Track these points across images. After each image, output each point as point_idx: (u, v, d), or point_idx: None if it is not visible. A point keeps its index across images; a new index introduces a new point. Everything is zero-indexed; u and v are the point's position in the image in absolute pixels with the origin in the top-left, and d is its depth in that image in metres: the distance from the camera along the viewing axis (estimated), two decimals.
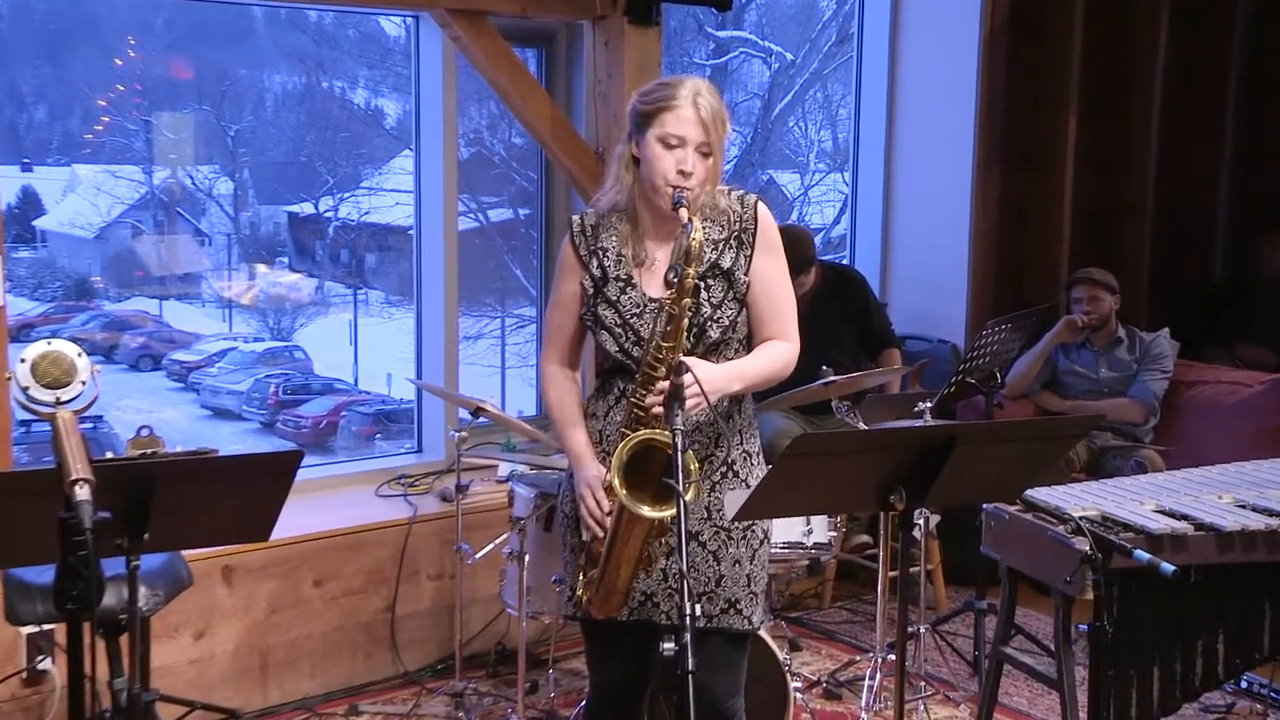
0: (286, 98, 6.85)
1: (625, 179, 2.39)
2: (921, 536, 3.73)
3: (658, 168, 2.32)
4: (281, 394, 6.72)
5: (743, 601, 2.45)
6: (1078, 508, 2.75)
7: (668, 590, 2.43)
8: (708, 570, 2.43)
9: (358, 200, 6.89)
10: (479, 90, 5.60)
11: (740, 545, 2.46)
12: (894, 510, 2.30)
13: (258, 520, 2.23)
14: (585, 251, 2.43)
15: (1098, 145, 5.26)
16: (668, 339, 2.29)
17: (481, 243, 6.51)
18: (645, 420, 2.31)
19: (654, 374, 2.30)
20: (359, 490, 4.22)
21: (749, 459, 2.50)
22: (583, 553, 2.46)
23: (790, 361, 2.47)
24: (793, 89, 8.17)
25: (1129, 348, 4.73)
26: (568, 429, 2.47)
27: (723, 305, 2.39)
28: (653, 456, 2.27)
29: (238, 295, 6.95)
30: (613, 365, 2.43)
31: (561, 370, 2.52)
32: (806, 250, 4.43)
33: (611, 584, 2.39)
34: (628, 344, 2.38)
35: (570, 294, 2.46)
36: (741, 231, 2.42)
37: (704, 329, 2.37)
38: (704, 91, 2.34)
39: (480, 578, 3.99)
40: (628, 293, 2.40)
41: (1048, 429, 2.50)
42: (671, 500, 2.20)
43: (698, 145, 2.32)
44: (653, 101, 2.34)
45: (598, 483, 2.38)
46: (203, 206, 6.62)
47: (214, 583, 3.60)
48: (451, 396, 4.11)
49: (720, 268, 2.39)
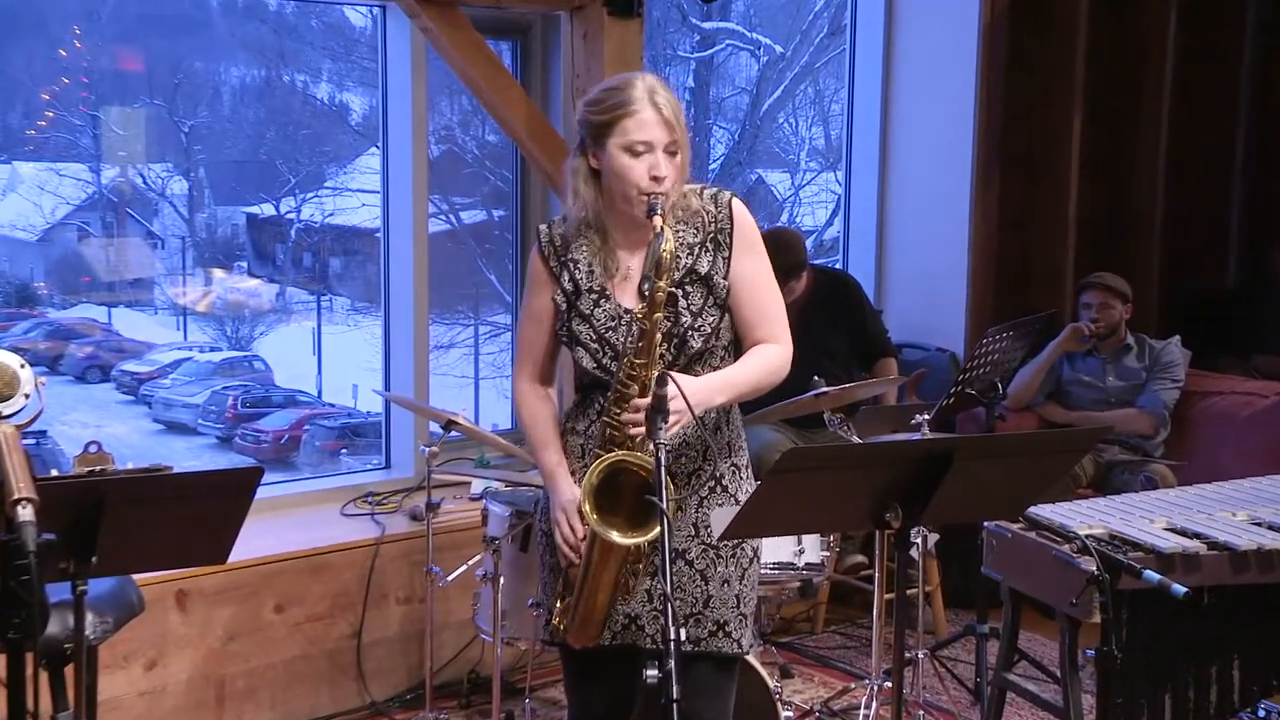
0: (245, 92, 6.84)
1: (586, 193, 2.40)
2: (919, 556, 3.74)
3: (628, 178, 2.33)
4: (240, 407, 6.69)
5: (732, 624, 2.46)
6: (1084, 526, 2.77)
7: (652, 612, 2.43)
8: (695, 590, 2.44)
9: (321, 201, 6.88)
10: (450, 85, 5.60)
11: (729, 564, 2.46)
12: (890, 528, 2.31)
13: (215, 542, 2.22)
14: (555, 264, 2.44)
15: (1103, 147, 5.30)
16: (640, 355, 2.30)
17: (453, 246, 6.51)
18: (620, 440, 2.32)
19: (627, 391, 2.31)
20: (323, 509, 4.20)
21: (738, 473, 2.51)
22: (560, 577, 2.46)
23: (783, 364, 2.47)
24: (782, 83, 8.20)
25: (1138, 355, 4.75)
26: (541, 450, 2.48)
27: (703, 313, 2.40)
28: (626, 479, 2.27)
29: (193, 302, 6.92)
30: (591, 380, 2.44)
31: (535, 387, 2.53)
32: (797, 254, 4.44)
33: (588, 611, 2.39)
34: (605, 359, 2.40)
35: (542, 307, 2.47)
36: (717, 233, 2.42)
37: (685, 339, 2.38)
38: (658, 88, 2.36)
39: (452, 601, 3.98)
40: (602, 305, 2.41)
41: (1052, 442, 2.51)
42: (646, 526, 2.21)
43: (665, 146, 2.34)
44: (608, 110, 2.34)
45: (573, 507, 2.39)
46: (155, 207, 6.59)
47: (167, 609, 3.57)
48: (421, 409, 4.09)
49: (697, 273, 2.40)
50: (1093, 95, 5.22)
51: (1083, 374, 4.79)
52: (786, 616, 4.60)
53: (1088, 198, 5.29)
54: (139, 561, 2.32)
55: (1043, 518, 2.82)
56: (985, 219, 5.19)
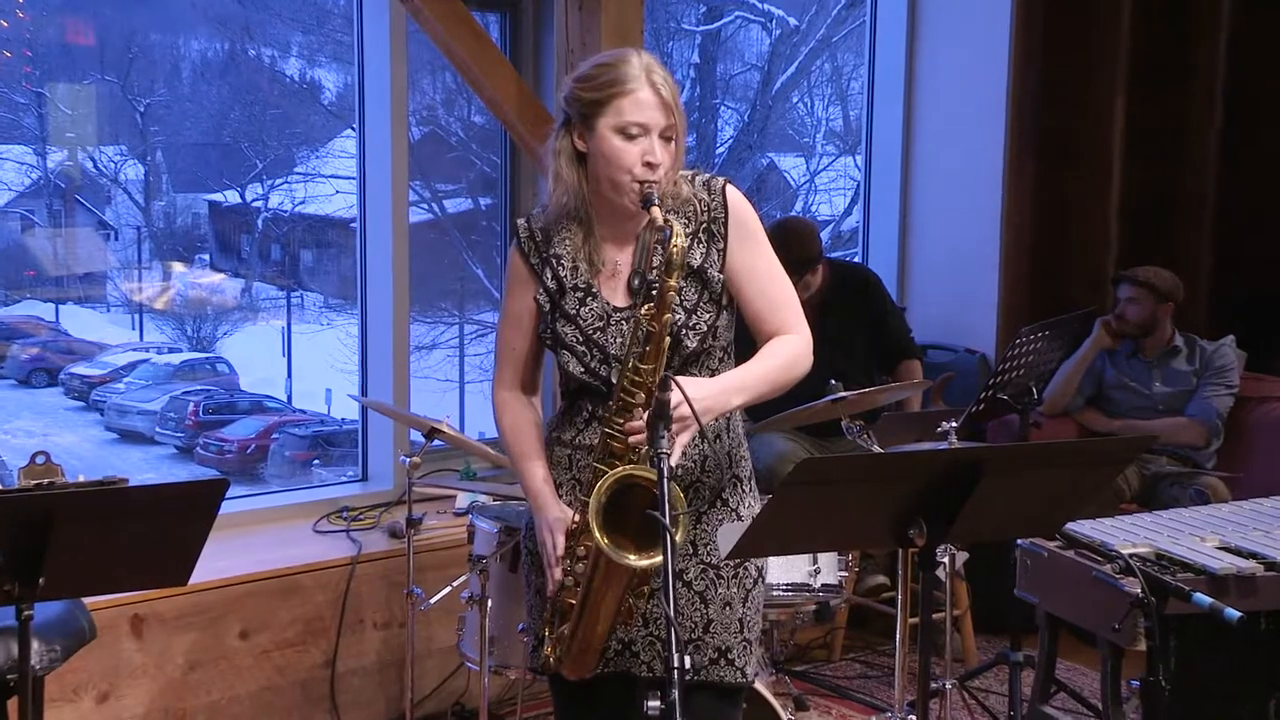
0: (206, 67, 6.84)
1: (571, 178, 2.40)
2: (946, 577, 3.74)
3: (620, 162, 2.33)
4: (202, 414, 6.70)
5: (735, 650, 2.46)
6: (1128, 544, 2.77)
7: (648, 638, 2.43)
8: (694, 614, 2.44)
9: (291, 188, 6.88)
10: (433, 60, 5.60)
11: (731, 585, 2.46)
12: (914, 547, 2.31)
13: (175, 562, 2.22)
14: (537, 260, 2.45)
15: (1149, 129, 5.30)
16: (646, 359, 2.29)
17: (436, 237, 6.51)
18: (622, 453, 2.32)
19: (631, 400, 2.30)
20: (293, 526, 4.21)
21: (739, 485, 2.51)
22: (551, 601, 2.47)
23: (803, 354, 2.47)
24: (797, 59, 8.20)
25: (1188, 358, 4.76)
26: (525, 461, 2.48)
27: (697, 310, 2.40)
28: (632, 496, 2.27)
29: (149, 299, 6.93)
30: (579, 386, 2.44)
31: (517, 395, 2.53)
32: (811, 246, 4.44)
33: (586, 641, 2.39)
34: (594, 363, 2.40)
35: (523, 309, 2.48)
36: (711, 222, 2.42)
37: (678, 339, 2.37)
38: (655, 66, 2.36)
39: (435, 626, 3.98)
40: (588, 304, 2.41)
41: (1092, 452, 2.52)
42: (658, 547, 2.20)
43: (661, 130, 2.34)
44: (601, 87, 2.34)
45: (561, 525, 2.39)
46: (107, 194, 6.60)
47: (121, 635, 3.57)
48: (401, 416, 4.10)
49: (690, 267, 2.39)
50: (1138, 70, 5.22)
51: (1126, 378, 4.79)
52: (801, 643, 4.60)
53: (1132, 184, 5.29)
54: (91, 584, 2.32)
55: (1082, 535, 2.82)
56: (1019, 207, 5.20)
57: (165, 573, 2.27)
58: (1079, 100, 5.18)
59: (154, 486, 2.29)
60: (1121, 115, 5.20)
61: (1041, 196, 5.22)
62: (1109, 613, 2.62)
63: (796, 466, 2.16)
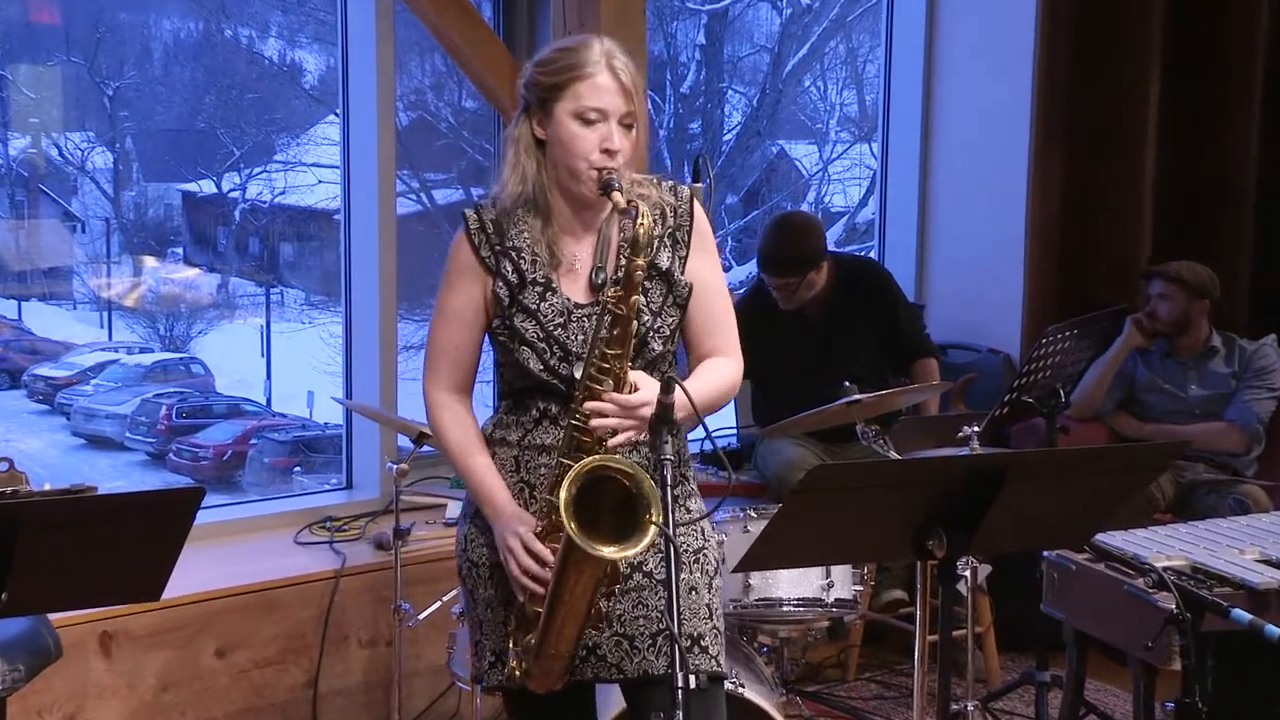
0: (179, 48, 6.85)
1: (528, 166, 2.45)
2: (968, 592, 3.74)
3: (576, 149, 2.38)
4: (175, 418, 6.71)
5: (707, 637, 2.50)
6: (1161, 556, 2.77)
7: (614, 638, 2.46)
8: (657, 604, 2.47)
9: (270, 177, 6.89)
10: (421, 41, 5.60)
11: (694, 571, 2.51)
12: (933, 559, 2.32)
13: (146, 575, 2.22)
14: (489, 253, 2.48)
15: (1186, 111, 5.30)
16: (614, 345, 2.34)
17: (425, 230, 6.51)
18: (590, 446, 2.36)
19: (598, 388, 2.35)
20: (273, 537, 4.21)
21: (685, 484, 2.55)
22: (507, 611, 2.49)
23: (737, 382, 2.55)
24: (809, 40, 8.21)
25: (1226, 359, 4.76)
26: (471, 457, 2.51)
27: (663, 312, 2.46)
28: (602, 488, 2.29)
29: (119, 295, 6.93)
30: (533, 384, 2.47)
31: (456, 399, 2.56)
32: (814, 242, 4.46)
33: (554, 648, 2.41)
34: (553, 360, 2.44)
35: (468, 304, 2.51)
36: (676, 228, 2.49)
37: (645, 340, 2.43)
38: (617, 52, 2.42)
39: (424, 644, 3.98)
40: (548, 299, 2.45)
41: (1124, 459, 2.52)
42: (633, 539, 2.23)
43: (621, 117, 2.39)
44: (559, 71, 2.41)
45: (529, 529, 2.42)
46: (74, 184, 6.60)
47: (89, 654, 3.58)
48: (389, 420, 4.10)
49: (658, 268, 2.46)
50: (1174, 49, 5.21)
51: (1160, 380, 4.79)
52: (813, 662, 4.61)
53: (1167, 172, 5.29)
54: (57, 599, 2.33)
55: (1113, 547, 2.82)
56: (1045, 197, 5.20)
57: (136, 587, 2.27)
58: (1110, 82, 5.18)
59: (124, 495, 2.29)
60: (1156, 98, 5.20)
61: (1070, 186, 5.22)
62: (1141, 630, 2.62)
63: (808, 474, 2.18)
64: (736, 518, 3.58)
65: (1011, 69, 5.18)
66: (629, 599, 2.47)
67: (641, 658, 2.47)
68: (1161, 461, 2.87)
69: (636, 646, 2.47)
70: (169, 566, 2.22)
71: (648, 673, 2.47)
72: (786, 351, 4.43)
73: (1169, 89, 5.23)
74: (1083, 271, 5.26)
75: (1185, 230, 5.30)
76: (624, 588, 2.46)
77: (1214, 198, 5.37)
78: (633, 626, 2.47)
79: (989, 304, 5.29)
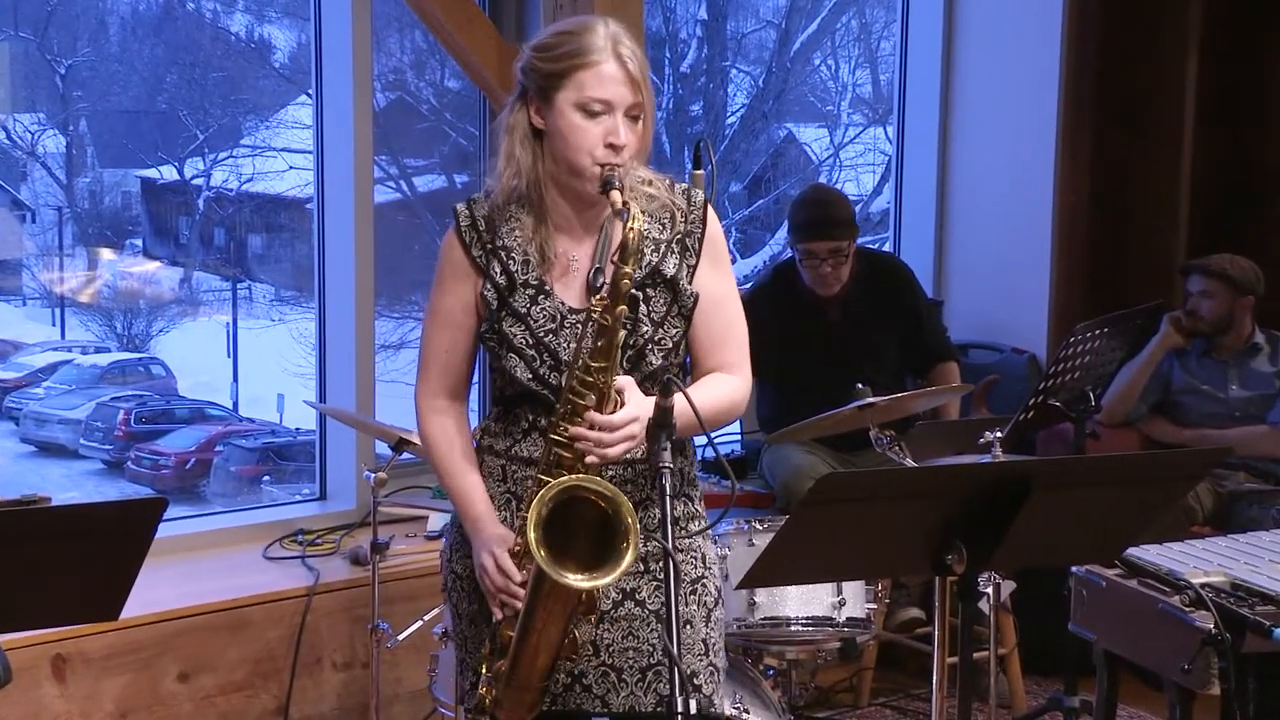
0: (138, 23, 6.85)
1: (524, 158, 2.45)
2: (990, 610, 3.74)
3: (579, 142, 2.38)
4: (134, 423, 6.71)
5: (701, 675, 2.50)
6: (1199, 572, 2.78)
7: (601, 668, 2.47)
8: (650, 636, 2.48)
9: (237, 163, 6.89)
10: (400, 17, 5.61)
11: (691, 603, 2.51)
12: (952, 575, 2.32)
13: (103, 593, 2.22)
14: (480, 251, 2.49)
15: (1225, 92, 5.31)
16: (597, 357, 2.34)
17: (405, 219, 6.52)
18: (570, 464, 2.37)
19: (581, 403, 2.36)
20: (240, 551, 4.21)
21: (690, 505, 2.56)
22: (488, 630, 2.50)
23: (742, 403, 2.55)
24: (819, 15, 8.22)
25: (1270, 358, 4.76)
26: (460, 478, 2.53)
27: (665, 323, 2.46)
28: (577, 510, 2.30)
29: (72, 290, 6.93)
30: (522, 392, 2.48)
31: (451, 405, 2.58)
32: (850, 209, 4.46)
33: (525, 678, 2.43)
34: (543, 369, 2.44)
35: (459, 306, 2.52)
36: (686, 235, 2.49)
37: (643, 353, 2.44)
38: (624, 38, 2.41)
39: (404, 667, 3.99)
40: (540, 303, 2.46)
41: (1158, 467, 2.53)
42: (606, 565, 2.24)
43: (627, 109, 2.39)
44: (561, 57, 2.39)
45: (502, 546, 2.43)
46: (23, 169, 6.61)
47: (41, 678, 3.57)
48: (365, 425, 4.10)
49: (662, 275, 2.46)
50: (1213, 24, 5.22)
51: (1198, 381, 4.80)
52: (824, 685, 4.61)
53: (1203, 159, 5.29)
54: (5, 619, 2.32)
55: (1146, 562, 2.83)
56: (1074, 185, 5.21)
57: (92, 606, 2.27)
58: (1144, 61, 5.19)
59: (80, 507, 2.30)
60: (1194, 77, 5.21)
61: (1101, 172, 5.22)
62: (1177, 651, 2.63)
63: (817, 482, 2.18)
64: (740, 530, 3.59)
65: (1038, 46, 5.19)
66: (619, 628, 2.48)
67: (629, 692, 2.48)
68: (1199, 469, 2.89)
69: (624, 680, 2.48)
70: (128, 584, 2.22)
71: (634, 709, 2.47)
72: (798, 349, 4.43)
73: (1207, 68, 5.23)
74: (1114, 265, 5.26)
75: (1222, 221, 5.31)
76: (613, 615, 2.47)
77: (1256, 186, 5.38)
78: (621, 658, 2.48)
79: (1013, 300, 5.30)
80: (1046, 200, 5.20)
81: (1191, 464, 2.61)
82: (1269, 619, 2.55)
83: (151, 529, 2.18)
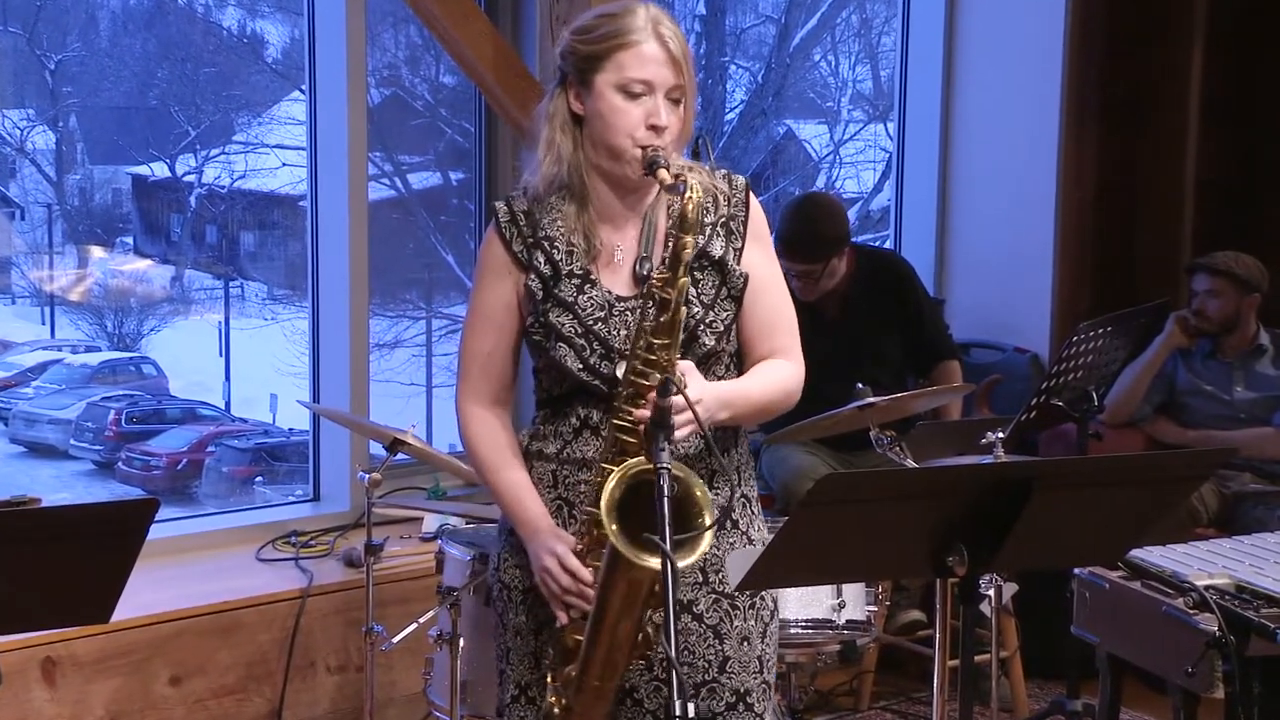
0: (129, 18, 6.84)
1: (564, 145, 2.43)
2: (992, 613, 3.75)
3: (620, 124, 2.36)
4: (124, 423, 6.70)
5: (754, 694, 2.48)
6: (1203, 574, 2.78)
7: (653, 683, 2.45)
8: (708, 652, 2.45)
9: (229, 160, 6.88)
10: (396, 11, 5.61)
11: (749, 617, 2.49)
12: (954, 577, 2.32)
13: (94, 595, 2.22)
14: (521, 246, 2.46)
15: (1231, 87, 5.31)
16: (660, 334, 2.31)
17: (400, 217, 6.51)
18: (635, 450, 2.32)
19: (644, 384, 2.32)
20: (233, 553, 4.21)
21: (748, 505, 2.56)
22: (537, 641, 2.47)
23: (797, 387, 2.52)
24: (819, 10, 8.21)
25: (1275, 359, 4.77)
26: (502, 471, 2.49)
27: (716, 305, 2.44)
28: (647, 495, 2.25)
29: (62, 289, 6.92)
30: (573, 387, 2.45)
31: (488, 408, 2.53)
32: (840, 224, 4.46)
33: (599, 681, 2.38)
34: (593, 358, 2.41)
35: (500, 304, 2.49)
36: (730, 218, 2.48)
37: (695, 335, 2.41)
38: (664, 19, 2.40)
39: (398, 670, 3.99)
40: (587, 291, 2.43)
41: (1162, 468, 2.53)
42: (688, 547, 2.21)
43: (668, 90, 2.37)
44: (601, 39, 2.38)
45: (566, 546, 2.39)
46: (11, 166, 6.59)
47: (30, 682, 3.57)
48: (359, 425, 4.10)
49: (710, 256, 2.44)
50: (1217, 19, 5.22)
51: (1203, 382, 4.80)
52: (823, 689, 4.62)
53: (1212, 154, 5.29)
54: None
55: (1150, 564, 2.83)
56: (1078, 182, 5.21)
57: (83, 609, 2.27)
58: (1149, 54, 5.19)
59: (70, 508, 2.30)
60: (1198, 73, 5.21)
61: (1104, 169, 5.22)
62: (1181, 654, 2.63)
63: (817, 483, 2.18)
64: None
65: (1040, 42, 5.19)
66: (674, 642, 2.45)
67: None
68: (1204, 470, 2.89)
69: None
70: (119, 586, 2.22)
71: None
72: None
73: (1213, 62, 5.23)
74: (1118, 263, 5.26)
75: (1230, 217, 5.31)
76: None
77: (1263, 183, 5.38)
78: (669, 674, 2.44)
79: (1015, 298, 5.30)
80: (1049, 197, 5.20)
81: (1196, 465, 2.61)
82: (1274, 621, 2.56)
83: (143, 530, 2.18)
